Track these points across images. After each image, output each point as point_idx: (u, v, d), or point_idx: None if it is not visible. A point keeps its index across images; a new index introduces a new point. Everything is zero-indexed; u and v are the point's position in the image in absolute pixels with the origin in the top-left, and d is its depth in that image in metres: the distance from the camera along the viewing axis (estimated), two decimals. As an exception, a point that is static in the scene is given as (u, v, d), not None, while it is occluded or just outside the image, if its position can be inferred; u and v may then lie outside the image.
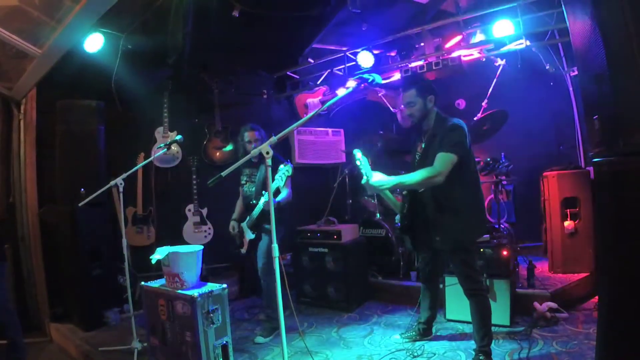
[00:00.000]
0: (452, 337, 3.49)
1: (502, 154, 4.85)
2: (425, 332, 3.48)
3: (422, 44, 5.00)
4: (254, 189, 3.84)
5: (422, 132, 3.10)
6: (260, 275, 3.83)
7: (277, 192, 3.61)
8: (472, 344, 3.04)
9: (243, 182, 3.98)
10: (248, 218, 3.81)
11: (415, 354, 3.20)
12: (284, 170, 3.16)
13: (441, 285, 3.72)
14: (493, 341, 2.99)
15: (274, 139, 2.09)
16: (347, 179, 5.67)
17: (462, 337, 3.49)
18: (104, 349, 3.58)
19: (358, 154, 2.79)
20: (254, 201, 3.74)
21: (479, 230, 3.08)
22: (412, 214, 3.06)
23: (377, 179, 2.78)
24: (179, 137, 3.83)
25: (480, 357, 2.88)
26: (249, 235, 3.82)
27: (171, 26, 4.59)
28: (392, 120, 6.19)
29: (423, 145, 3.04)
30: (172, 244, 3.00)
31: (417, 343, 3.40)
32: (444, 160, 2.73)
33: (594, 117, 1.79)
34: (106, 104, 4.57)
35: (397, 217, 3.26)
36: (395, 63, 5.30)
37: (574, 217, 4.40)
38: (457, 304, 3.72)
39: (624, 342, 1.71)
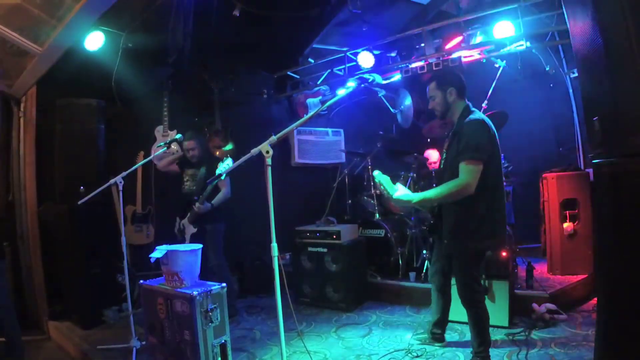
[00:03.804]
0: (451, 338, 3.48)
1: (502, 155, 4.84)
2: (436, 338, 3.34)
3: (422, 45, 5.00)
4: (194, 187, 4.20)
5: (452, 127, 2.92)
6: (214, 271, 4.03)
7: (216, 189, 4.06)
8: (469, 345, 3.04)
9: (185, 179, 4.29)
10: (189, 214, 4.15)
11: (414, 354, 3.20)
12: (227, 162, 3.32)
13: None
14: (491, 342, 2.98)
15: (273, 138, 2.10)
16: (346, 179, 5.67)
17: (461, 337, 3.48)
18: (103, 347, 3.57)
19: (376, 174, 2.80)
20: (196, 197, 4.06)
21: (490, 241, 2.77)
22: (440, 215, 2.92)
23: (401, 194, 2.74)
24: (178, 135, 3.88)
25: None
26: (192, 230, 4.17)
27: (172, 25, 4.59)
28: (392, 120, 6.19)
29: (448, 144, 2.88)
30: (171, 243, 3.00)
31: (416, 344, 3.39)
32: (467, 170, 2.57)
33: (594, 119, 1.79)
34: (106, 103, 4.57)
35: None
36: (396, 63, 5.29)
37: (573, 218, 4.40)
38: (458, 305, 3.67)
39: (622, 344, 1.71)
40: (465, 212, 2.69)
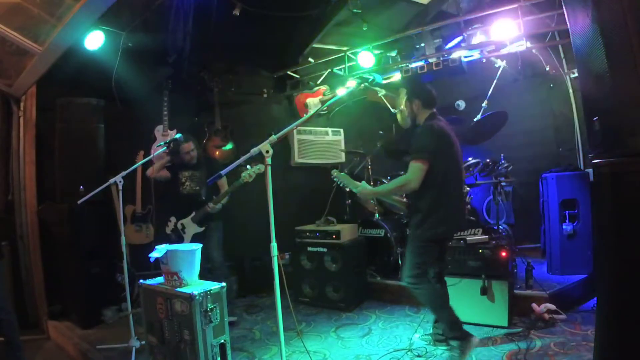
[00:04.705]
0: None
1: (502, 155, 4.86)
2: (438, 339, 3.31)
3: (422, 45, 5.00)
4: (197, 187, 4.19)
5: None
6: (217, 267, 4.10)
7: (216, 189, 4.15)
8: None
9: (183, 181, 4.24)
10: (195, 214, 4.13)
11: (414, 354, 3.20)
12: (256, 168, 3.53)
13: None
14: (490, 341, 2.99)
15: (273, 137, 2.10)
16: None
17: (460, 337, 3.48)
18: (102, 347, 3.58)
19: (334, 174, 3.15)
20: (204, 198, 4.12)
21: (434, 231, 3.00)
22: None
23: (361, 189, 3.07)
24: (178, 135, 3.86)
25: (452, 344, 2.97)
26: (195, 230, 4.15)
27: (172, 25, 4.58)
28: (392, 120, 6.18)
29: None
30: (171, 243, 3.00)
31: (416, 344, 3.39)
32: (411, 169, 2.93)
33: (594, 119, 1.79)
34: (106, 102, 4.57)
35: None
36: (396, 63, 5.29)
37: (573, 219, 4.41)
38: (455, 305, 3.68)
39: (622, 344, 1.71)
40: (415, 206, 3.07)
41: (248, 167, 3.63)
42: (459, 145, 3.20)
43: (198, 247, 2.89)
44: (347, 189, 3.21)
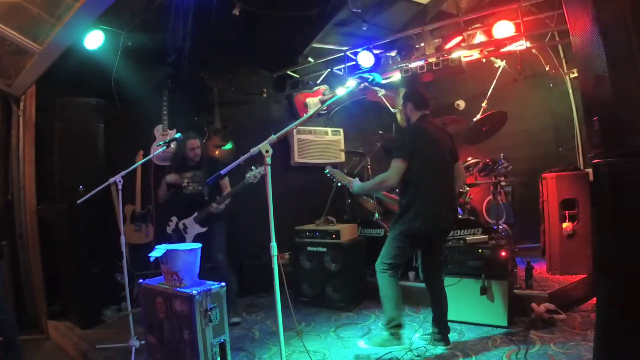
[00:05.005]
0: (450, 338, 3.47)
1: (501, 155, 4.86)
2: (437, 338, 3.29)
3: (422, 44, 5.00)
4: (200, 187, 4.14)
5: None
6: (221, 267, 4.08)
7: (219, 189, 4.14)
8: (469, 345, 3.04)
9: (184, 184, 4.19)
10: (197, 214, 4.09)
11: (414, 354, 3.20)
12: (262, 169, 3.55)
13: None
14: (489, 341, 2.99)
15: (273, 137, 2.10)
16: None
17: (460, 337, 3.48)
18: (102, 347, 3.57)
19: (328, 169, 3.41)
20: (207, 198, 4.08)
21: (410, 225, 3.11)
22: None
23: (351, 183, 3.32)
24: (178, 135, 3.86)
25: (383, 333, 3.27)
26: (197, 230, 4.12)
27: (171, 24, 4.58)
28: (391, 120, 6.19)
29: None
30: (170, 242, 3.00)
31: (415, 343, 3.39)
32: (391, 167, 3.11)
33: (594, 119, 1.79)
34: (106, 102, 4.57)
35: None
36: (395, 63, 5.29)
37: (573, 218, 4.41)
38: (456, 305, 3.70)
39: (621, 344, 1.71)
40: (399, 202, 3.25)
41: (252, 167, 3.62)
42: (450, 144, 3.29)
43: (198, 246, 2.89)
44: (339, 184, 3.50)
